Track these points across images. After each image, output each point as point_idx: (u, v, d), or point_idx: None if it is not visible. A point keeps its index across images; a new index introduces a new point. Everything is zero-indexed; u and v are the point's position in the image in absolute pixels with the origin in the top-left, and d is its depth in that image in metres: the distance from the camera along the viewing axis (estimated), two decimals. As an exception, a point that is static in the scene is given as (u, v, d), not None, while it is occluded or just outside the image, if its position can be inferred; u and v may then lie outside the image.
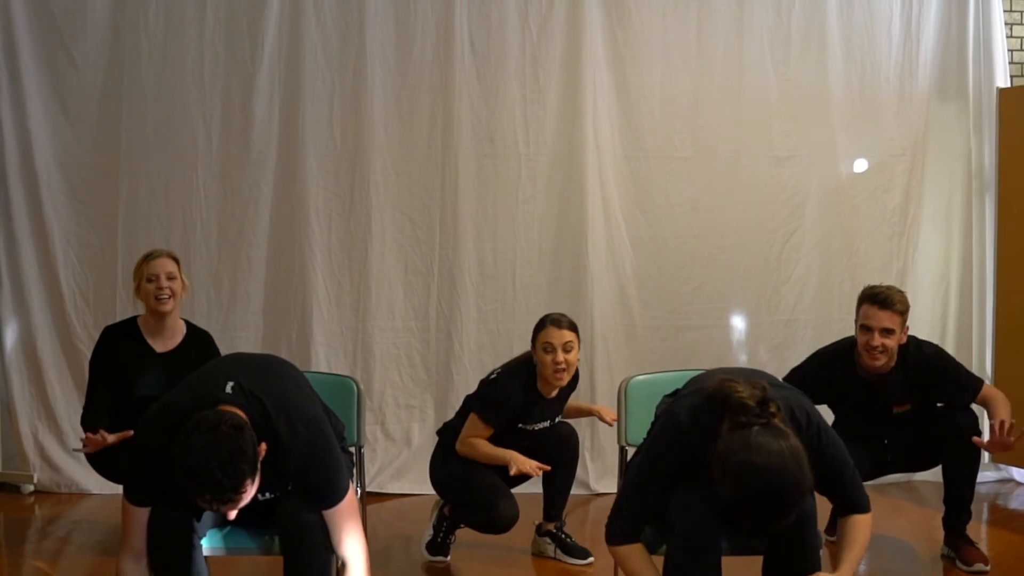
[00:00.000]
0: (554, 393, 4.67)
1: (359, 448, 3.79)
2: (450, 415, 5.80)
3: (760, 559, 3.27)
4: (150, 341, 4.85)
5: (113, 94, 5.93)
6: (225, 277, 5.96)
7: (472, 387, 6.01)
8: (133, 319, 4.95)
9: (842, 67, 6.24)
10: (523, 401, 4.58)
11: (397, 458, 6.09)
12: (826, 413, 4.13)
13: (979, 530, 5.16)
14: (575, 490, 5.05)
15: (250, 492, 3.01)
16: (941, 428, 4.66)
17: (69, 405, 6.00)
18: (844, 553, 3.27)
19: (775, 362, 3.93)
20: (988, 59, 6.25)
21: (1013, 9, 6.49)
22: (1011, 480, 6.24)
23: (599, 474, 6.03)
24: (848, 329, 6.08)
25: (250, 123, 5.99)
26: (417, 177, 6.09)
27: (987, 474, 6.18)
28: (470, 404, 4.69)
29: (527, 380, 4.61)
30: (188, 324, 4.96)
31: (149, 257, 4.85)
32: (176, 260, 4.87)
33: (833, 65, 6.23)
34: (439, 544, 4.82)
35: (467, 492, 4.62)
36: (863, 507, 3.32)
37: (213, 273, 5.95)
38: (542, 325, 4.59)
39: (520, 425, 4.62)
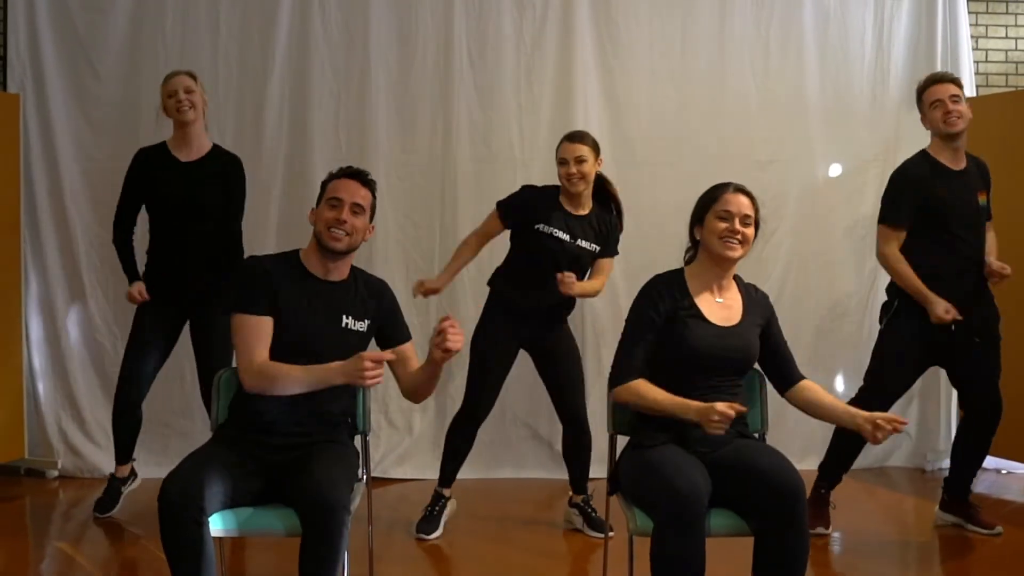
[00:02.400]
0: (580, 211, 4.80)
1: (364, 436, 3.81)
2: (449, 406, 5.85)
3: (751, 540, 3.29)
4: (175, 153, 5.02)
5: (132, 102, 5.97)
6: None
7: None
8: (163, 142, 5.11)
9: (818, 78, 6.26)
10: (540, 200, 4.79)
11: (400, 445, 6.12)
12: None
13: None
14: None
15: (368, 201, 3.62)
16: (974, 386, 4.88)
17: (91, 395, 6.05)
18: (841, 406, 3.53)
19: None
20: (955, 71, 6.23)
21: (979, 24, 6.52)
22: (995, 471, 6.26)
23: (592, 459, 6.04)
24: (827, 327, 6.17)
25: (261, 130, 6.03)
26: (418, 181, 6.12)
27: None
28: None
29: (548, 189, 4.86)
30: (216, 145, 5.12)
31: (169, 77, 5.02)
32: (193, 77, 5.02)
33: (810, 76, 6.25)
34: (429, 518, 4.90)
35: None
36: (801, 375, 3.61)
37: (225, 271, 5.96)
38: (560, 143, 4.80)
39: (538, 227, 4.73)
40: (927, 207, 4.73)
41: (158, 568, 4.13)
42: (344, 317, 3.56)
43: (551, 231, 4.73)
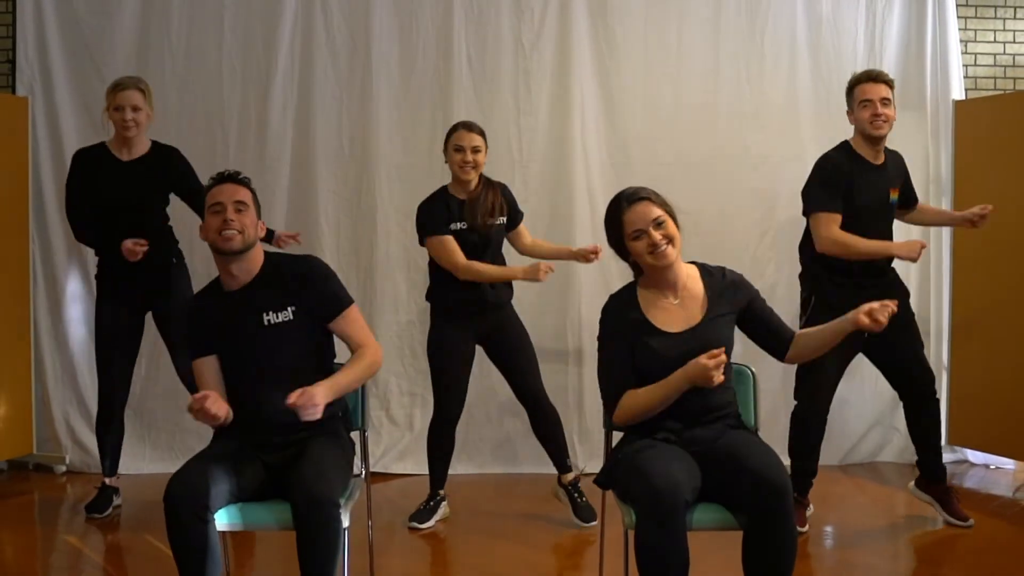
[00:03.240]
0: (470, 195, 4.91)
1: (364, 432, 3.81)
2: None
3: (739, 534, 3.28)
4: (116, 153, 5.06)
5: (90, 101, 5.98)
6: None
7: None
8: (102, 142, 5.14)
9: (810, 80, 6.25)
10: (441, 205, 4.90)
11: (400, 441, 6.13)
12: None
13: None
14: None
15: (249, 198, 3.51)
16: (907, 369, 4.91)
17: (97, 392, 6.05)
18: (830, 325, 3.47)
19: (748, 353, 3.99)
20: (945, 74, 6.27)
21: (968, 28, 6.51)
22: (966, 461, 6.28)
23: (587, 455, 6.05)
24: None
25: (265, 133, 6.04)
26: (419, 182, 6.08)
27: (943, 456, 6.22)
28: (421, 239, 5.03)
29: (435, 195, 4.99)
30: (154, 142, 5.14)
31: (117, 87, 5.02)
32: (143, 90, 5.03)
33: (802, 79, 6.24)
34: (423, 510, 4.95)
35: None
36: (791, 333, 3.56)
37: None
38: (454, 129, 4.90)
39: (452, 225, 4.84)
40: (845, 198, 4.76)
41: (163, 561, 4.14)
42: (264, 315, 3.51)
43: (458, 227, 4.85)
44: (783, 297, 6.22)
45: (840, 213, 4.75)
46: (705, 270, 3.58)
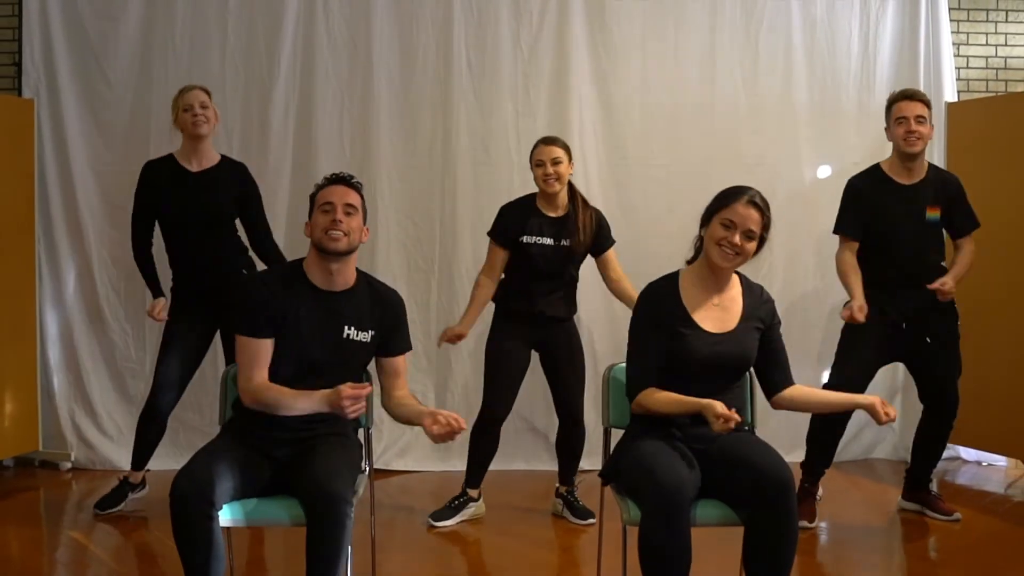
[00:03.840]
0: (558, 213, 4.88)
1: (368, 430, 3.82)
2: (449, 399, 5.86)
3: (740, 531, 3.29)
4: (184, 164, 4.99)
5: (142, 108, 5.99)
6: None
7: (468, 375, 6.10)
8: (170, 154, 5.08)
9: (805, 83, 6.26)
10: (519, 213, 4.89)
11: (401, 438, 6.13)
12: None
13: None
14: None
15: (359, 203, 3.60)
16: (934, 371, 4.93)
17: (103, 390, 6.08)
18: (837, 395, 3.81)
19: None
20: (937, 76, 6.28)
21: (960, 31, 6.53)
22: (958, 458, 6.29)
23: (585, 451, 6.04)
24: (814, 324, 6.18)
25: (268, 135, 6.04)
26: (419, 183, 6.13)
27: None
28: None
29: (524, 200, 4.96)
30: (223, 155, 5.11)
31: (184, 91, 4.99)
32: (207, 92, 5.01)
33: (797, 81, 6.26)
34: (448, 508, 4.96)
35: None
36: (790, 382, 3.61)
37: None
38: (535, 147, 4.89)
39: (522, 239, 4.82)
40: (870, 219, 4.85)
41: (169, 557, 4.15)
42: (346, 328, 3.53)
43: (534, 240, 4.82)
44: (778, 298, 6.13)
45: (857, 240, 4.88)
46: (747, 283, 3.61)
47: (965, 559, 4.51)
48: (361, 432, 3.79)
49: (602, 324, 6.12)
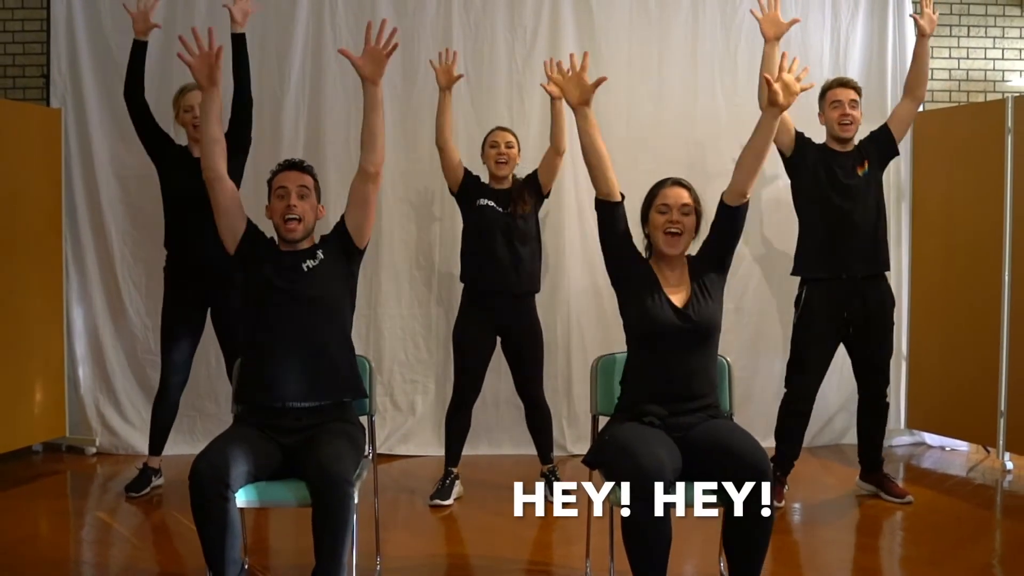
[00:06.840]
0: (504, 186, 5.07)
1: (371, 416, 3.84)
2: (448, 389, 5.85)
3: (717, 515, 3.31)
4: (190, 150, 5.05)
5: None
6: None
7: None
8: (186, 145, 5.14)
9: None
10: (476, 181, 5.11)
11: (403, 425, 6.14)
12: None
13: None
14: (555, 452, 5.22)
15: (311, 184, 3.75)
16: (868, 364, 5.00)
17: (125, 380, 6.10)
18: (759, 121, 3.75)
19: (722, 344, 4.03)
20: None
21: (925, 45, 6.53)
22: (923, 443, 6.31)
23: (574, 438, 6.08)
24: (785, 318, 6.18)
25: (279, 141, 6.04)
26: (421, 187, 6.14)
27: (903, 439, 6.27)
28: None
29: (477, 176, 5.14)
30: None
31: (184, 90, 5.04)
32: None
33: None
34: (442, 489, 4.97)
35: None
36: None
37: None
38: (490, 132, 5.17)
39: (479, 201, 5.02)
40: (814, 173, 4.89)
41: (188, 536, 4.17)
42: (303, 265, 3.69)
43: (487, 203, 4.98)
44: (754, 293, 6.27)
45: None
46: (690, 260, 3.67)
47: (930, 537, 4.53)
48: (364, 419, 3.81)
49: (589, 317, 6.13)
